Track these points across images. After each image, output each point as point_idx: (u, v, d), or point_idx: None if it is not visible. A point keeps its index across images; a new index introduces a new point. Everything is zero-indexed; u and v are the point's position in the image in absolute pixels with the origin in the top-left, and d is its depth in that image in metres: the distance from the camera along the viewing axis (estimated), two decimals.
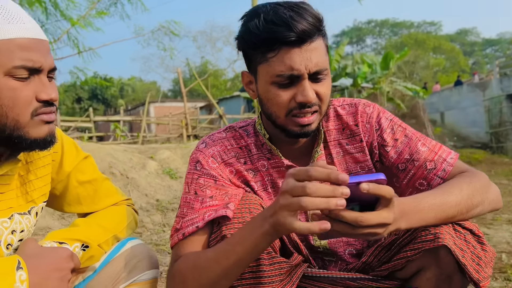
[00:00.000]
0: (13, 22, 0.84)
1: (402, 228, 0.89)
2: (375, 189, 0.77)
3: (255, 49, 1.01)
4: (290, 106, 1.02)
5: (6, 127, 0.85)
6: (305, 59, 0.97)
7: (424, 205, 0.92)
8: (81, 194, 1.13)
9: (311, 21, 0.96)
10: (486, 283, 0.95)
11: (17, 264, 0.81)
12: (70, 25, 7.12)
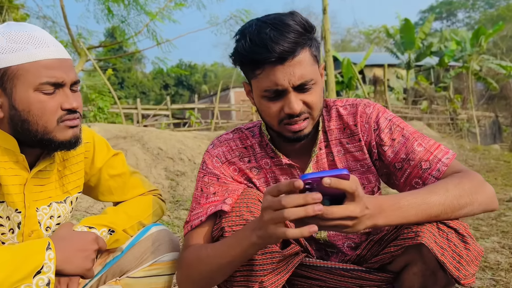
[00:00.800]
0: (39, 46, 1.02)
1: (379, 224, 0.93)
2: (336, 183, 0.82)
3: (245, 66, 1.10)
4: (281, 116, 1.09)
5: (37, 132, 1.04)
6: (288, 74, 1.04)
7: (404, 203, 0.96)
8: (112, 186, 1.32)
9: (292, 38, 1.02)
10: (470, 281, 0.97)
11: (47, 245, 1.01)
12: (149, 19, 7.60)
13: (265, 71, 1.05)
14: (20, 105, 1.01)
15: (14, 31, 1.02)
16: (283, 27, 1.03)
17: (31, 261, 0.96)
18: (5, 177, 1.04)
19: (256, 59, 1.04)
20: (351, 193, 0.85)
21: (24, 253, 0.97)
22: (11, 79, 1.00)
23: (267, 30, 1.02)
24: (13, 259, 0.94)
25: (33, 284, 0.95)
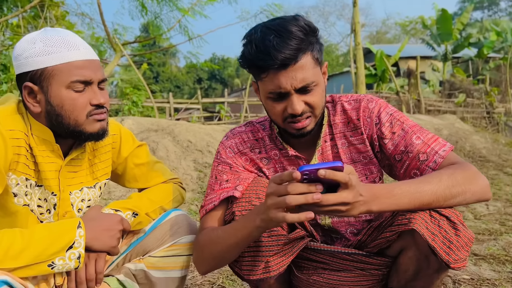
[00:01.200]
0: (71, 49, 1.15)
1: (374, 209, 1.01)
2: (330, 174, 0.91)
3: (251, 69, 1.19)
4: (284, 115, 1.18)
5: (69, 125, 1.17)
6: (290, 78, 1.12)
7: (397, 192, 1.03)
8: (136, 174, 1.45)
9: (294, 45, 1.10)
10: (460, 265, 1.04)
11: (78, 224, 1.14)
12: (182, 15, 7.79)
13: (269, 76, 1.14)
14: (54, 101, 1.15)
15: (50, 36, 1.15)
16: (286, 33, 1.10)
17: (64, 237, 1.10)
18: (43, 164, 1.18)
19: (260, 65, 1.13)
20: (344, 182, 0.93)
21: (58, 230, 1.11)
22: (47, 78, 1.14)
23: (271, 37, 1.10)
24: (49, 235, 1.08)
25: (66, 257, 1.09)
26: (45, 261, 1.06)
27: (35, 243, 1.05)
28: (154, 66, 35.73)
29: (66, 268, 1.10)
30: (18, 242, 1.02)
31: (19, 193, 1.16)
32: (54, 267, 1.08)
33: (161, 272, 1.32)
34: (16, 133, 1.13)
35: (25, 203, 1.18)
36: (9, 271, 1.01)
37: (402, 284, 1.19)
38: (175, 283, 1.35)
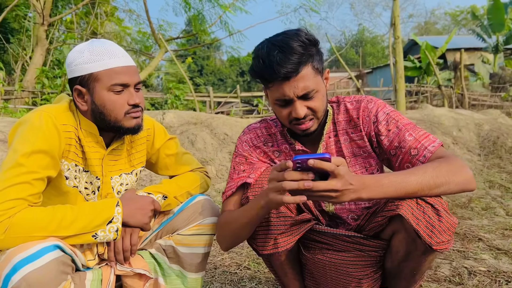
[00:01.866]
0: (112, 58, 1.36)
1: (363, 197, 1.14)
2: (318, 163, 1.05)
3: (260, 80, 1.35)
4: (290, 118, 1.34)
5: (110, 121, 1.39)
6: (293, 88, 1.27)
7: (385, 182, 1.17)
8: (167, 163, 1.67)
9: (295, 59, 1.24)
10: (442, 247, 1.16)
11: (116, 203, 1.36)
12: (223, 11, 8.03)
13: (274, 86, 1.30)
14: (98, 101, 1.37)
15: (95, 46, 1.37)
16: (288, 49, 1.25)
17: (105, 213, 1.32)
18: (89, 152, 1.42)
19: (266, 78, 1.30)
20: (331, 171, 1.08)
21: (101, 207, 1.33)
22: (93, 82, 1.36)
23: (275, 53, 1.26)
24: (93, 211, 1.31)
25: (106, 230, 1.31)
26: (89, 232, 1.29)
27: (82, 217, 1.28)
28: (199, 60, 36.46)
29: (106, 239, 1.33)
30: (69, 215, 1.25)
31: (70, 177, 1.39)
32: (97, 238, 1.30)
33: (187, 248, 1.53)
34: (68, 127, 1.36)
35: (75, 185, 1.41)
36: (61, 239, 1.24)
37: (395, 264, 1.33)
38: (199, 258, 1.55)
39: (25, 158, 1.23)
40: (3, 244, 1.16)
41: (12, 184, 1.20)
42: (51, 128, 1.30)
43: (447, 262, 2.39)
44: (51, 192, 1.37)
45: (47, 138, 1.28)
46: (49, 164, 1.29)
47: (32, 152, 1.25)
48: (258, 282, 2.16)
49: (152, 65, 8.25)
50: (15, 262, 1.13)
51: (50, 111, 1.34)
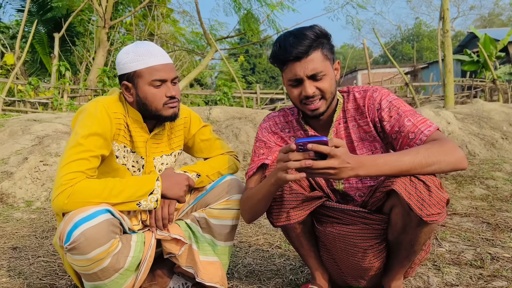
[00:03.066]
0: (152, 57, 1.63)
1: (360, 174, 1.30)
2: (315, 147, 1.24)
3: (277, 64, 1.56)
4: (300, 97, 1.53)
5: (151, 111, 1.65)
6: (303, 68, 1.47)
7: (380, 161, 1.33)
8: (202, 147, 1.92)
9: (306, 43, 1.44)
10: (433, 219, 1.31)
11: (157, 178, 1.63)
12: (270, 10, 8.25)
13: (288, 67, 1.50)
14: (141, 94, 1.64)
15: (138, 48, 1.65)
16: (301, 36, 1.47)
17: (147, 185, 1.59)
18: (135, 136, 1.70)
19: (281, 58, 1.50)
20: (327, 153, 1.25)
21: (144, 181, 1.61)
22: (137, 77, 1.63)
23: (290, 39, 1.48)
24: (138, 183, 1.58)
25: (148, 200, 1.58)
26: (134, 201, 1.56)
27: (129, 188, 1.55)
28: (251, 58, 36.93)
29: (148, 207, 1.60)
30: (118, 186, 1.54)
31: (119, 156, 1.68)
32: (140, 206, 1.58)
33: (217, 220, 1.77)
34: (118, 115, 1.65)
35: (123, 163, 1.70)
36: (112, 205, 1.52)
37: (395, 236, 1.49)
38: (227, 229, 1.78)
39: (84, 139, 1.53)
40: (67, 207, 1.46)
41: (73, 159, 1.50)
42: (104, 115, 1.59)
43: (472, 248, 2.46)
44: (105, 169, 1.66)
45: (101, 123, 1.57)
46: (102, 144, 1.57)
47: (89, 134, 1.54)
48: (287, 259, 2.37)
49: (203, 64, 8.63)
50: (75, 221, 1.42)
51: (104, 102, 1.63)
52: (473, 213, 3.27)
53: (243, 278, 2.08)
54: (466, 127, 5.73)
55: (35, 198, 3.82)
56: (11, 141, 4.81)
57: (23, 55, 9.61)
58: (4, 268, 2.20)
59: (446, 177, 4.36)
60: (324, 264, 1.75)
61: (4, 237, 2.80)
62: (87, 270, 1.48)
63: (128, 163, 1.71)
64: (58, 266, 2.24)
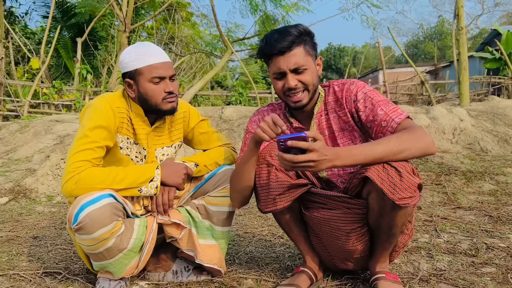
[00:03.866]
0: (151, 56, 1.77)
1: (337, 165, 1.40)
2: (294, 143, 1.34)
3: (263, 58, 1.68)
4: (284, 90, 1.65)
5: (151, 105, 1.80)
6: (286, 62, 1.59)
7: (355, 152, 1.42)
8: (201, 139, 2.06)
9: (289, 39, 1.57)
10: (404, 202, 1.41)
11: (157, 166, 1.77)
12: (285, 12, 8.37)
13: (272, 61, 1.63)
14: (141, 90, 1.79)
15: (139, 48, 1.79)
16: (285, 32, 1.59)
17: (148, 173, 1.74)
18: (138, 129, 1.85)
19: (266, 53, 1.63)
20: (306, 148, 1.36)
21: (144, 169, 1.75)
22: (138, 75, 1.78)
23: (275, 35, 1.61)
24: (139, 171, 1.73)
25: (148, 186, 1.73)
26: (136, 187, 1.71)
27: (130, 175, 1.70)
28: None
29: (148, 193, 1.74)
30: (120, 174, 1.69)
31: (123, 147, 1.83)
32: (141, 192, 1.72)
33: (215, 207, 1.90)
34: (121, 109, 1.80)
35: (127, 154, 1.85)
36: (115, 191, 1.67)
37: (374, 220, 1.60)
38: (225, 215, 1.91)
39: (90, 131, 1.69)
40: (74, 192, 1.62)
41: (80, 150, 1.66)
42: (108, 110, 1.74)
43: (469, 239, 2.52)
44: (110, 159, 1.81)
45: (105, 117, 1.73)
46: (107, 136, 1.73)
47: (95, 127, 1.70)
48: (287, 247, 2.48)
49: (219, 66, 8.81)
50: (81, 204, 1.57)
51: (108, 97, 1.79)
52: (477, 207, 3.31)
53: (243, 263, 2.20)
54: (479, 124, 5.71)
55: (55, 193, 4.04)
56: (34, 141, 5.08)
57: (47, 59, 10.00)
58: (24, 254, 2.39)
59: (456, 172, 4.39)
60: (314, 249, 1.87)
61: (26, 228, 3.00)
62: (94, 250, 1.63)
63: (132, 154, 1.86)
64: (73, 253, 2.41)
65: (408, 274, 1.95)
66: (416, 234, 2.66)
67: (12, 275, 1.98)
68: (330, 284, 1.87)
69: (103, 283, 1.78)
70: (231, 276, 1.99)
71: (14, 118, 8.77)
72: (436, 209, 3.28)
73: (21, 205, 3.71)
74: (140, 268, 1.80)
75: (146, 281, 1.97)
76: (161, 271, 1.99)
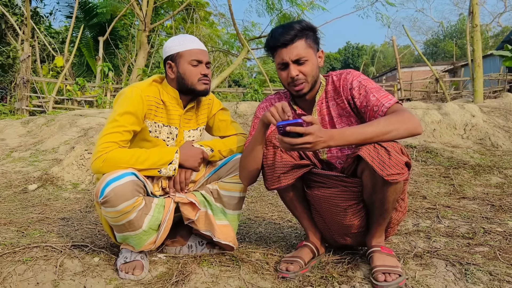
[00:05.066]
0: (191, 42, 2.01)
1: (331, 145, 1.57)
2: (292, 128, 1.51)
3: (269, 51, 1.86)
4: (287, 80, 1.83)
5: (188, 85, 2.01)
6: (289, 53, 1.77)
7: (347, 133, 1.59)
8: (220, 126, 2.26)
9: (292, 33, 1.74)
10: (393, 178, 1.57)
11: (176, 151, 1.97)
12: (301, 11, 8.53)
13: (277, 53, 1.81)
14: (181, 70, 2.01)
15: (181, 36, 2.05)
16: (288, 27, 1.77)
17: (168, 156, 1.94)
18: (171, 110, 2.06)
19: (271, 45, 1.82)
20: (302, 132, 1.52)
21: (165, 152, 1.95)
22: (179, 57, 2.01)
23: (279, 29, 1.79)
24: (160, 154, 1.93)
25: (167, 168, 1.93)
26: (156, 168, 1.91)
27: (152, 157, 1.90)
28: None
29: (167, 174, 1.94)
30: (143, 155, 1.89)
31: (152, 130, 2.04)
32: (161, 172, 1.93)
33: (227, 192, 2.09)
34: (150, 98, 2.00)
35: (156, 136, 2.05)
36: (138, 171, 1.87)
37: (368, 196, 1.76)
38: (236, 200, 2.09)
39: (119, 116, 1.90)
40: (102, 169, 1.82)
41: (109, 132, 1.87)
42: (138, 98, 1.95)
43: (468, 224, 2.65)
44: (142, 141, 2.04)
45: (134, 104, 1.93)
46: (134, 122, 1.94)
47: (124, 112, 1.91)
48: (294, 229, 2.66)
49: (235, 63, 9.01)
50: (107, 181, 1.78)
51: (139, 86, 2.01)
52: (481, 197, 3.41)
53: (253, 242, 2.39)
54: (491, 119, 5.77)
55: (80, 181, 4.30)
56: (60, 133, 5.37)
57: (71, 57, 10.37)
58: (54, 232, 2.62)
59: (465, 166, 4.48)
60: (316, 226, 2.04)
61: (54, 211, 3.25)
62: (117, 222, 1.84)
63: (162, 135, 2.07)
64: (98, 232, 2.64)
65: (404, 251, 2.11)
66: (418, 220, 2.80)
67: (45, 247, 2.21)
68: (332, 258, 2.04)
69: (125, 253, 1.99)
70: (241, 250, 2.18)
71: (40, 113, 9.15)
72: (441, 199, 3.41)
73: (48, 191, 3.98)
74: (157, 244, 2.00)
75: (164, 254, 2.18)
76: (178, 245, 2.20)
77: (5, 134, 5.98)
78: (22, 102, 9.63)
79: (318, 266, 1.96)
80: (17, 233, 2.53)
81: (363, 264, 1.92)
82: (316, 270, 1.92)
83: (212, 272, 1.92)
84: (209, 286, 1.80)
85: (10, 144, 5.56)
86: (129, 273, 1.88)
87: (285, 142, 1.54)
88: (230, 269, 1.96)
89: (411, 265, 1.92)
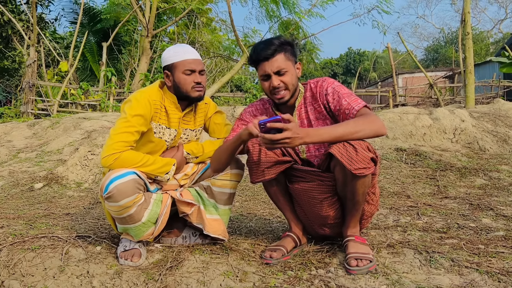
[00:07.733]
0: (185, 53, 2.19)
1: (307, 142, 1.76)
2: (272, 125, 1.71)
3: (253, 64, 2.07)
4: (270, 89, 2.03)
5: (183, 92, 2.21)
6: (270, 66, 1.98)
7: (321, 132, 1.79)
8: (214, 129, 2.47)
9: (272, 48, 1.95)
10: (359, 172, 1.77)
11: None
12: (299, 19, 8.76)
13: (259, 66, 2.02)
14: (176, 79, 2.21)
15: (176, 47, 2.23)
16: (269, 43, 1.98)
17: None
18: (171, 114, 2.27)
19: (254, 59, 2.03)
20: (281, 128, 1.71)
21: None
22: (174, 68, 2.21)
23: (261, 45, 2.00)
24: (161, 163, 2.15)
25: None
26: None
27: (155, 164, 2.12)
28: None
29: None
30: (149, 161, 2.09)
31: (156, 132, 2.24)
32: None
33: (219, 188, 2.29)
34: (156, 102, 2.21)
35: (160, 137, 2.26)
36: (141, 172, 2.08)
37: (341, 189, 1.97)
38: (226, 196, 2.29)
39: (131, 117, 2.10)
40: (112, 166, 2.03)
41: (122, 131, 2.07)
42: (146, 102, 2.16)
43: (444, 220, 2.84)
44: (146, 142, 2.24)
45: (143, 108, 2.14)
46: (143, 123, 2.15)
47: (135, 114, 2.11)
48: (283, 224, 2.86)
49: (235, 69, 9.24)
50: (111, 178, 1.98)
51: (147, 91, 2.22)
52: (462, 197, 3.59)
53: (243, 234, 2.60)
54: (480, 124, 5.96)
55: (83, 180, 4.52)
56: (65, 135, 5.60)
57: (75, 62, 10.63)
58: (59, 225, 2.83)
59: (452, 169, 4.67)
60: (298, 217, 2.25)
61: (59, 207, 3.47)
62: (119, 215, 2.04)
63: (164, 136, 2.28)
64: (100, 226, 2.84)
65: (379, 242, 2.31)
66: (399, 216, 2.99)
67: (51, 237, 2.42)
68: (313, 248, 2.24)
69: (125, 242, 2.20)
70: (231, 241, 2.39)
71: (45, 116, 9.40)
72: (424, 198, 3.60)
73: (53, 190, 4.20)
74: (155, 235, 2.20)
75: (160, 244, 2.38)
76: (173, 236, 2.40)
77: (12, 136, 6.22)
78: (27, 105, 9.89)
79: (299, 255, 2.17)
80: (26, 226, 2.74)
81: (340, 252, 2.13)
82: (297, 258, 2.12)
83: (203, 259, 2.13)
84: (199, 270, 2.00)
85: (17, 145, 5.80)
86: (128, 259, 2.09)
87: (266, 138, 1.73)
88: (220, 256, 2.16)
89: (383, 253, 2.12)
